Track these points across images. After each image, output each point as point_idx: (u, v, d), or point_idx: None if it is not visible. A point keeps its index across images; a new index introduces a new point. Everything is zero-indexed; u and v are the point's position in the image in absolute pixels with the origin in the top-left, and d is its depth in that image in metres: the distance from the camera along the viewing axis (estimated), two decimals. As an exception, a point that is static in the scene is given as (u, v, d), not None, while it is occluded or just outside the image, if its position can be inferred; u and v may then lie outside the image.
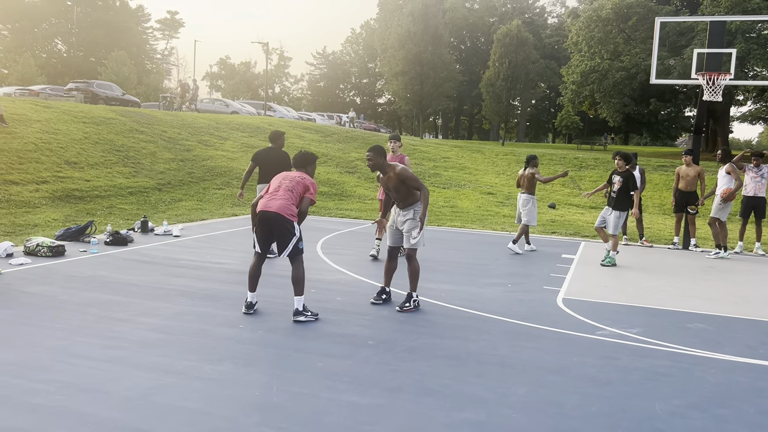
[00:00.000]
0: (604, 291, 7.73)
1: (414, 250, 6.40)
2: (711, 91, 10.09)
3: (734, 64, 10.00)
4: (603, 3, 36.15)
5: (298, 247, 5.79)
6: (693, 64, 10.42)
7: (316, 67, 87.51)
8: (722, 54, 10.12)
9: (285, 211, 5.69)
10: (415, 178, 6.28)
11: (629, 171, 9.43)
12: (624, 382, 4.55)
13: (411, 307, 6.38)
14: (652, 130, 71.16)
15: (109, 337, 5.04)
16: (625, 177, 9.35)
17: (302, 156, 6.08)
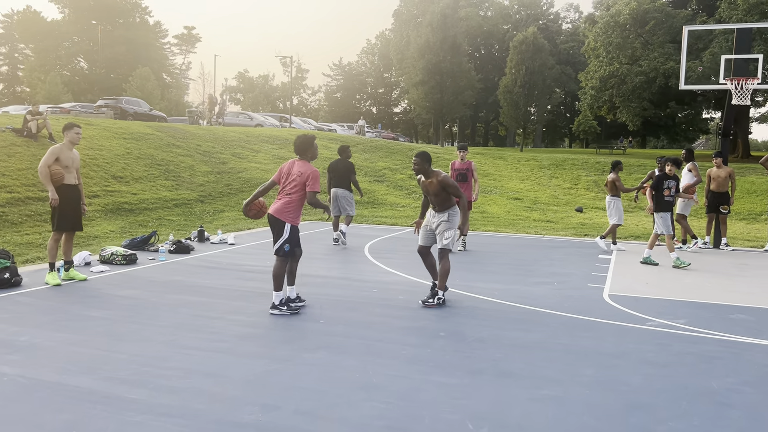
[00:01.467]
0: (646, 287, 8.19)
1: (447, 250, 6.87)
2: (740, 95, 10.54)
3: (761, 69, 10.45)
4: (620, 9, 36.56)
5: (283, 248, 6.28)
6: (721, 69, 10.88)
7: (332, 78, 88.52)
8: (749, 59, 10.57)
9: (280, 214, 6.29)
10: (456, 186, 6.88)
11: (661, 175, 9.93)
12: (680, 364, 5.03)
13: (434, 303, 6.84)
14: (670, 133, 71.24)
15: (210, 332, 5.61)
16: (678, 181, 9.97)
17: (300, 142, 6.49)
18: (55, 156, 7.40)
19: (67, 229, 7.59)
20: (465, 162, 10.95)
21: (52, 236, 7.55)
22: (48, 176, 7.39)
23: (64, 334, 5.43)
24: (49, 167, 7.35)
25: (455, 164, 11.18)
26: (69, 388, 4.19)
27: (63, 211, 7.48)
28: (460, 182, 11.01)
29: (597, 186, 24.02)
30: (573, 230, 14.75)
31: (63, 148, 7.49)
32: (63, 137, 7.60)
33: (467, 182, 11.09)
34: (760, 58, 10.54)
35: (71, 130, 7.56)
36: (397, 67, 77.75)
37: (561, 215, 18.20)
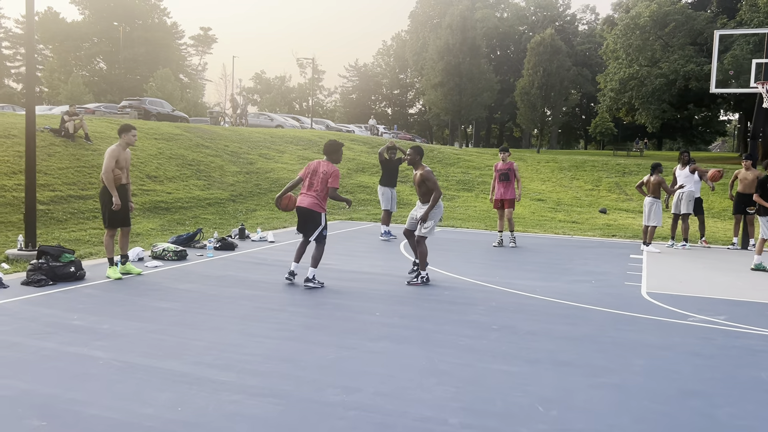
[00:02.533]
0: (681, 286, 8.44)
1: (423, 237, 7.87)
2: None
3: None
4: (641, 11, 36.65)
5: (322, 234, 7.57)
6: (752, 73, 11.10)
7: (348, 79, 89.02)
8: (780, 64, 10.79)
9: (314, 207, 7.48)
10: (434, 181, 7.84)
11: (766, 177, 9.90)
12: (726, 357, 5.29)
13: (418, 282, 7.89)
14: (687, 135, 71.09)
15: (276, 322, 5.94)
16: (762, 183, 9.90)
17: (329, 145, 7.80)
18: (115, 158, 7.69)
19: (117, 225, 7.88)
20: (507, 163, 11.77)
21: (107, 233, 7.85)
22: (113, 182, 7.63)
23: (140, 323, 5.78)
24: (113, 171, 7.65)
25: (498, 165, 11.91)
26: (162, 370, 4.53)
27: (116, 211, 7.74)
28: (502, 182, 11.74)
29: (619, 188, 24.18)
30: (600, 231, 14.98)
31: (119, 149, 7.78)
32: (119, 139, 7.87)
33: (509, 181, 11.75)
34: (790, 63, 10.77)
35: (129, 133, 7.87)
36: (413, 69, 78.15)
37: (585, 216, 18.42)
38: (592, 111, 72.72)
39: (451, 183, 23.45)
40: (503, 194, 11.81)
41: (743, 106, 39.17)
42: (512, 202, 11.85)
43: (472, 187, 23.02)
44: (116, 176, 7.69)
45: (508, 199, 11.82)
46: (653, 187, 11.66)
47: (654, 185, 11.65)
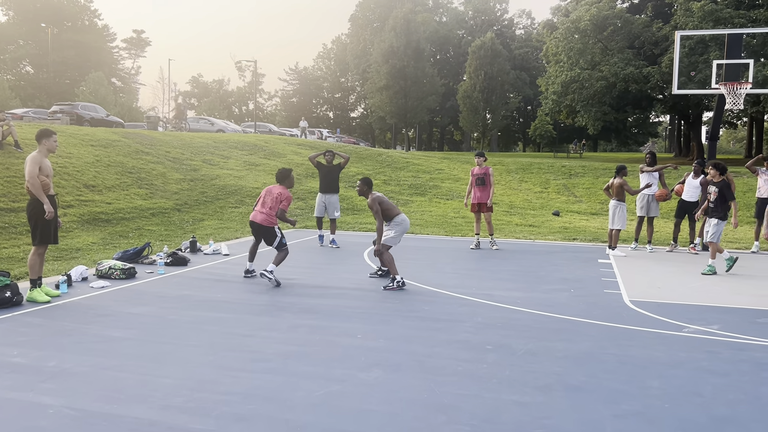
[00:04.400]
0: (660, 292, 8.19)
1: (380, 252, 8.13)
2: (733, 99, 10.74)
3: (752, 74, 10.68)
4: (581, 15, 37.21)
5: (281, 242, 8.32)
6: (713, 74, 11.07)
7: (288, 82, 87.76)
8: (740, 64, 10.78)
9: (265, 222, 8.27)
10: (376, 210, 8.10)
11: (724, 181, 9.73)
12: (740, 373, 4.97)
13: (394, 287, 8.07)
14: (621, 137, 73.23)
15: (248, 350, 5.30)
16: (720, 187, 9.67)
17: (280, 172, 8.50)
18: (38, 165, 6.87)
19: (49, 241, 7.10)
20: (483, 168, 11.98)
21: (35, 251, 7.03)
22: (41, 188, 6.85)
23: (93, 357, 5.04)
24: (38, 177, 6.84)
25: (474, 170, 12.05)
26: (127, 419, 3.85)
27: (46, 223, 6.98)
28: (479, 186, 11.94)
29: (567, 189, 24.30)
30: (560, 234, 14.81)
31: (41, 156, 6.95)
32: (37, 145, 7.04)
33: (486, 186, 11.94)
34: (751, 63, 10.78)
35: (50, 138, 7.05)
36: (354, 72, 77.68)
37: (541, 219, 18.29)
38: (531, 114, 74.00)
39: (403, 188, 23.04)
40: (480, 198, 11.98)
41: (677, 108, 40.33)
42: (486, 206, 12.00)
43: (425, 192, 22.66)
44: (43, 184, 6.87)
45: (483, 203, 11.98)
46: (617, 189, 11.50)
47: (617, 188, 11.49)
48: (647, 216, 11.99)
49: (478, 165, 12.03)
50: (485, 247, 12.28)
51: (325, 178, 12.15)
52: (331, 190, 12.13)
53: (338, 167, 12.29)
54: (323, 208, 12.18)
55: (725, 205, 9.71)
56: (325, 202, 12.14)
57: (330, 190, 12.12)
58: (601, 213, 19.73)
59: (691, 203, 11.82)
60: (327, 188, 12.13)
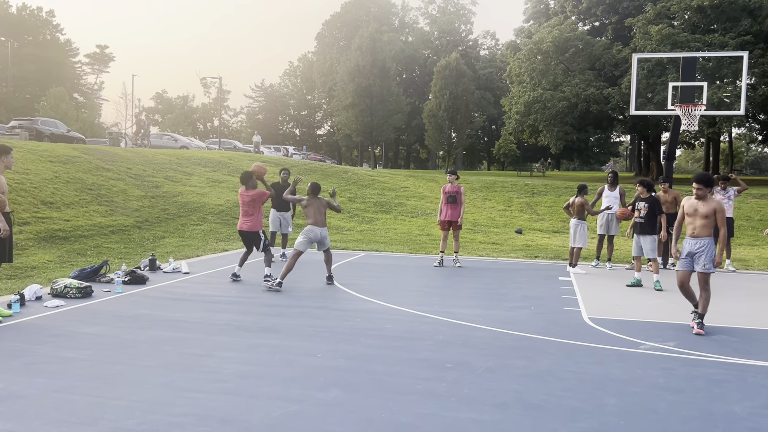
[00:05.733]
0: (619, 309, 8.32)
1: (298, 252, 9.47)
2: (688, 121, 11.04)
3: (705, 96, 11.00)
4: (543, 37, 37.94)
5: (265, 245, 9.57)
6: (669, 96, 11.37)
7: (254, 99, 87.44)
8: (695, 87, 11.10)
9: (252, 229, 9.50)
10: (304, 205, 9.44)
11: (653, 197, 10.05)
12: (694, 389, 5.05)
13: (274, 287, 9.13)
14: (583, 156, 74.66)
15: (205, 372, 5.20)
16: (650, 202, 9.97)
17: (243, 176, 9.66)
18: None
19: (3, 260, 6.94)
20: (455, 186, 12.09)
21: None
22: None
23: (43, 379, 4.89)
24: None
25: (446, 188, 12.18)
26: (75, 444, 3.73)
27: (2, 241, 6.80)
28: (450, 203, 12.03)
29: (530, 207, 24.60)
30: (522, 252, 14.96)
31: None
32: None
33: (457, 203, 12.05)
34: (704, 86, 11.11)
35: (8, 155, 6.91)
36: (321, 90, 77.82)
37: (504, 237, 18.46)
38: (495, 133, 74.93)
39: (368, 205, 23.05)
40: (451, 216, 12.07)
41: (637, 128, 41.29)
42: (457, 224, 12.13)
43: (390, 209, 22.71)
44: (0, 202, 6.69)
45: (454, 221, 12.10)
46: (578, 208, 11.68)
47: (578, 207, 11.67)
48: (608, 234, 12.19)
49: (450, 183, 12.16)
50: (448, 264, 12.34)
51: (279, 196, 12.17)
52: (284, 208, 12.47)
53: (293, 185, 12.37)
54: (278, 223, 12.50)
55: (656, 220, 10.04)
56: (279, 218, 12.45)
57: (284, 208, 12.45)
58: (563, 231, 20.01)
59: None
60: (281, 206, 12.39)
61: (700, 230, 7.10)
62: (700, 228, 7.09)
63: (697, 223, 7.12)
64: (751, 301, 9.13)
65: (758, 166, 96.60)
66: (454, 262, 12.32)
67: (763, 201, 22.68)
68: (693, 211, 7.17)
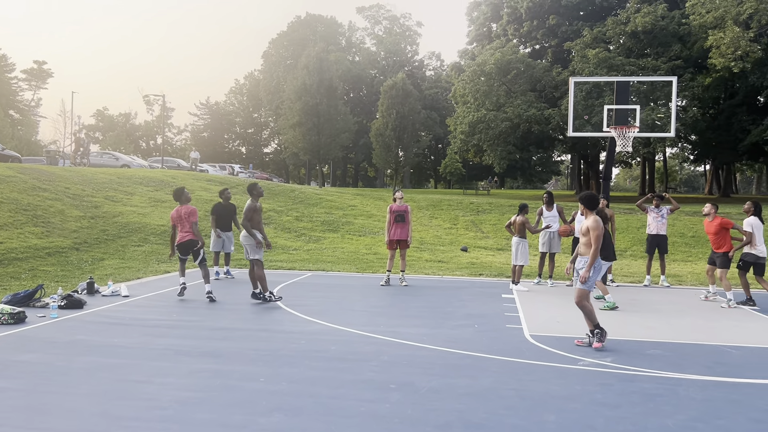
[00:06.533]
0: (560, 326, 8.51)
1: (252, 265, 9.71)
2: (623, 142, 11.46)
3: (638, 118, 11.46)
4: (486, 59, 38.76)
5: (202, 258, 9.95)
6: (604, 118, 11.78)
7: (199, 117, 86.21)
8: (629, 109, 11.55)
9: (190, 237, 9.84)
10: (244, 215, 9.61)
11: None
12: (630, 404, 5.20)
13: (266, 299, 9.66)
14: (526, 174, 76.38)
15: (144, 399, 5.07)
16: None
17: (175, 193, 10.08)
18: None
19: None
20: (402, 205, 12.19)
21: None
22: None
23: (-31, 412, 4.68)
24: None
25: (393, 207, 12.27)
26: (2, 479, 3.58)
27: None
28: (398, 222, 12.11)
29: (475, 225, 24.96)
30: (467, 270, 15.14)
31: None
32: None
33: (405, 222, 12.14)
34: (637, 108, 11.57)
35: None
36: (267, 108, 77.36)
37: (450, 255, 18.66)
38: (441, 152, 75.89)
39: (315, 224, 22.96)
40: (399, 235, 12.14)
41: (576, 148, 42.49)
42: (407, 243, 12.23)
43: (338, 228, 22.68)
44: None
45: (403, 240, 12.17)
46: (519, 227, 11.93)
47: (519, 225, 11.92)
48: (549, 252, 12.48)
49: (395, 201, 12.29)
50: (395, 283, 12.38)
51: (222, 216, 12.51)
52: (226, 228, 12.52)
53: (234, 207, 12.73)
54: (221, 243, 12.54)
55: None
56: (222, 237, 12.47)
57: (226, 227, 12.51)
58: (507, 249, 20.34)
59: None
60: (223, 226, 12.47)
61: (583, 249, 7.40)
62: (583, 247, 7.39)
63: (581, 241, 7.45)
64: (684, 316, 9.47)
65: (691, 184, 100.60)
66: (401, 281, 12.37)
67: (696, 218, 23.60)
68: (580, 230, 7.53)
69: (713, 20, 31.93)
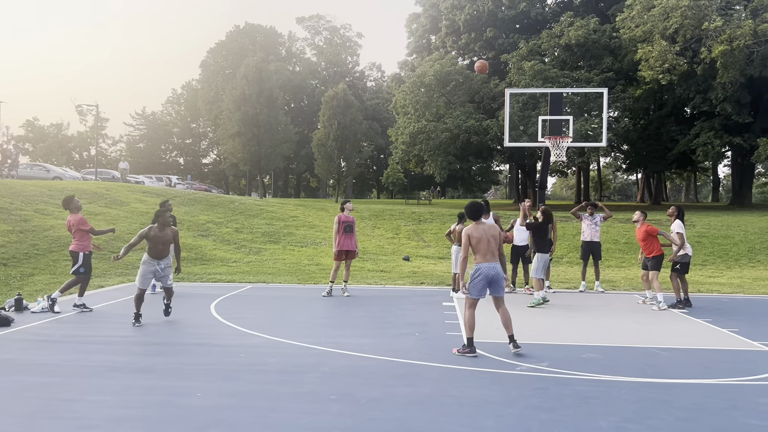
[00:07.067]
0: (498, 332, 8.63)
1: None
2: (557, 152, 11.80)
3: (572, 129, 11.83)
4: (426, 70, 39.28)
5: (79, 271, 9.77)
6: (539, 129, 12.12)
7: (135, 127, 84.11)
8: (562, 120, 11.91)
9: (74, 249, 9.75)
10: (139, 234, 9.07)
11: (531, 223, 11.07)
12: (565, 407, 5.34)
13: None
14: (467, 184, 77.62)
15: (75, 418, 4.89)
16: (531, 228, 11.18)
17: (63, 201, 9.97)
18: None
19: None
20: (349, 216, 12.29)
21: None
22: None
23: None
24: None
25: (341, 218, 12.26)
26: None
27: None
28: (347, 233, 12.16)
29: (417, 235, 25.16)
30: (408, 279, 15.24)
31: None
32: None
33: (353, 233, 12.28)
34: (570, 119, 11.94)
35: None
36: (206, 118, 76.11)
37: (392, 264, 18.73)
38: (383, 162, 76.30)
39: (256, 235, 22.67)
40: (349, 245, 12.22)
41: (514, 158, 43.46)
42: (355, 254, 12.36)
43: (279, 239, 22.45)
44: None
45: (352, 251, 12.26)
46: (458, 235, 12.12)
47: (458, 234, 12.11)
48: None
49: (342, 210, 12.36)
50: (337, 294, 12.34)
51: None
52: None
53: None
54: None
55: (541, 241, 11.05)
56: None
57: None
58: (448, 257, 20.56)
59: (522, 246, 12.71)
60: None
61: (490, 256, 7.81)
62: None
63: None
64: (617, 320, 9.78)
65: (625, 192, 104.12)
66: (344, 291, 12.36)
67: (628, 225, 24.42)
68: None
69: (642, 34, 33.25)
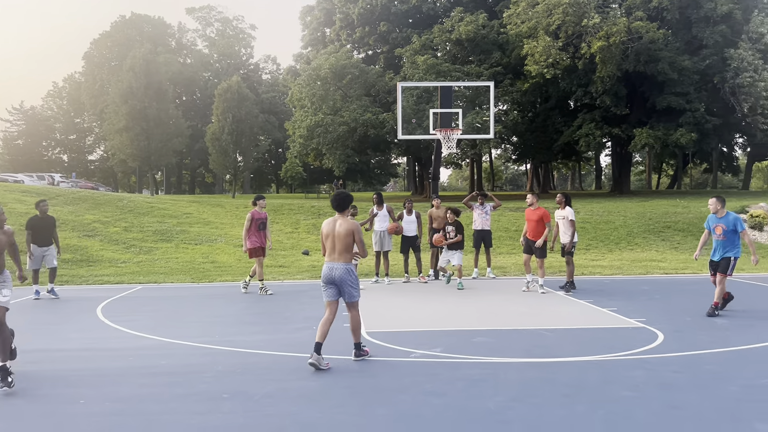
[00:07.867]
0: (396, 321, 8.82)
1: None
2: (448, 144, 12.11)
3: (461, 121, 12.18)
4: (321, 63, 39.14)
5: None
6: (430, 122, 12.38)
7: (12, 123, 78.54)
8: (452, 113, 12.23)
9: None
10: None
11: (458, 221, 11.85)
12: (456, 391, 5.52)
13: None
14: (365, 177, 78.22)
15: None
16: (457, 226, 11.87)
17: None
18: None
19: None
20: (262, 212, 12.19)
21: None
22: None
23: None
24: None
25: (255, 213, 12.09)
26: None
27: None
28: (261, 230, 12.07)
29: (316, 229, 25.07)
30: (308, 273, 15.19)
31: None
32: None
33: (266, 229, 12.23)
34: (459, 112, 12.28)
35: None
36: (91, 113, 72.29)
37: (291, 259, 18.59)
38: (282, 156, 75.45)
39: (146, 234, 21.80)
40: (263, 242, 12.11)
41: (411, 151, 44.21)
42: (265, 250, 12.27)
43: (171, 237, 21.69)
44: None
45: (264, 248, 12.19)
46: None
47: None
48: (382, 250, 12.86)
49: (259, 208, 12.21)
50: (236, 292, 12.09)
51: (39, 230, 11.77)
52: (46, 243, 11.86)
53: (53, 220, 12.06)
54: (39, 260, 11.83)
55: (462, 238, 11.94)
56: (41, 253, 11.77)
57: (46, 242, 11.86)
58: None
59: (412, 237, 12.98)
60: (42, 241, 11.79)
61: None
62: None
63: None
64: (508, 304, 10.21)
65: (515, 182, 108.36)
66: (244, 288, 12.26)
67: (518, 213, 25.45)
68: None
69: (527, 30, 34.66)
